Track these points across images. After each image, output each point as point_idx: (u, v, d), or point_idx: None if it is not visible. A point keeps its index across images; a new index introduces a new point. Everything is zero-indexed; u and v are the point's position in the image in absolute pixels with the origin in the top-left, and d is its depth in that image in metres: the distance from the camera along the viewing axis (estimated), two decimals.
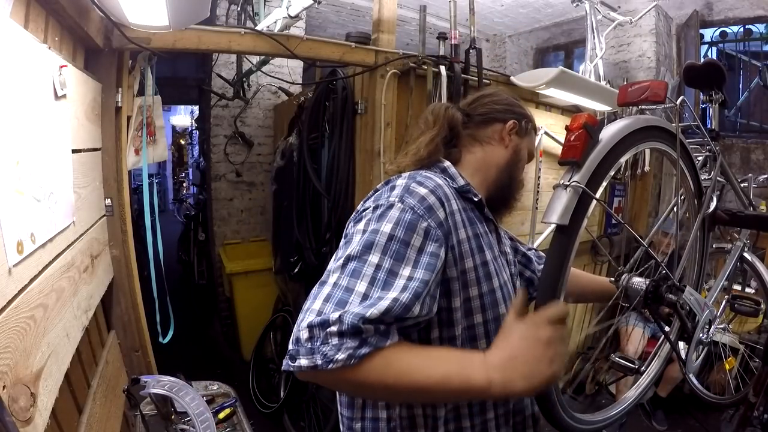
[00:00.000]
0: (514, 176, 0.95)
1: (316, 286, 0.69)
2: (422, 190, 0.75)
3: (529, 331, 0.64)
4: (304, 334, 0.62)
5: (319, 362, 0.60)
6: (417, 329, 0.74)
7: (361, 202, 0.82)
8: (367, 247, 0.69)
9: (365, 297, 0.64)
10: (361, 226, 0.73)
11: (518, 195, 0.98)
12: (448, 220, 0.76)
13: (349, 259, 0.69)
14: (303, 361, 0.61)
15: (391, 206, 0.73)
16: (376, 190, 0.83)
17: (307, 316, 0.63)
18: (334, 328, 0.60)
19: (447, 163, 0.90)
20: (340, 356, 0.59)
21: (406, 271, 0.68)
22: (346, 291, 0.65)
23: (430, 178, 0.79)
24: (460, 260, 0.77)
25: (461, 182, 0.87)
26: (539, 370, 0.62)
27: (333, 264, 0.71)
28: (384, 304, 0.63)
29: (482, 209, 0.89)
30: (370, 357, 0.61)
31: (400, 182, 0.78)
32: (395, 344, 0.64)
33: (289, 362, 0.63)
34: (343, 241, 0.77)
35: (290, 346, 0.64)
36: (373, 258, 0.68)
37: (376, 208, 0.75)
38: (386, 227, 0.70)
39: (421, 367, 0.63)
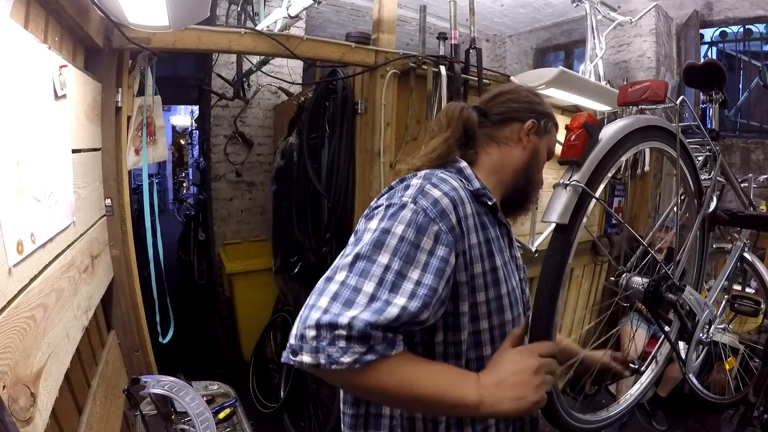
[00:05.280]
0: (530, 178, 0.91)
1: (322, 280, 0.68)
2: (436, 193, 0.73)
3: (519, 357, 0.72)
4: (311, 332, 0.62)
5: (323, 362, 0.61)
6: (421, 331, 0.74)
7: (375, 198, 0.81)
8: (377, 247, 0.68)
9: (373, 298, 0.64)
10: (372, 224, 0.72)
11: (535, 196, 0.94)
12: (460, 224, 0.74)
13: (358, 257, 0.68)
14: (306, 358, 0.62)
15: (403, 206, 0.71)
16: (391, 188, 0.81)
17: (313, 312, 0.63)
18: (342, 332, 0.61)
19: (463, 164, 0.87)
20: (346, 359, 0.61)
21: (414, 274, 0.67)
22: (354, 291, 0.65)
23: (445, 180, 0.77)
24: (470, 265, 0.76)
25: (477, 185, 0.83)
26: (525, 394, 0.68)
27: (341, 260, 0.70)
28: (393, 311, 0.63)
29: (496, 213, 0.85)
30: (374, 364, 0.63)
31: (415, 182, 0.76)
32: (399, 354, 0.65)
33: (290, 356, 0.64)
34: (353, 237, 0.75)
35: (292, 341, 0.64)
36: (383, 258, 0.67)
37: (388, 206, 0.73)
38: (397, 228, 0.69)
39: (421, 379, 0.66)
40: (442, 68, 1.86)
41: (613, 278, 1.05)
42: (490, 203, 0.83)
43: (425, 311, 0.66)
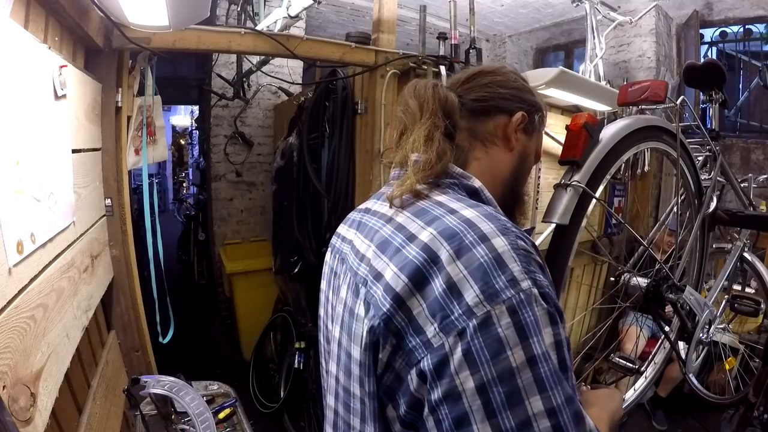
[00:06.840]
0: (518, 192, 0.70)
1: None
2: (525, 245, 0.53)
3: None
4: None
5: None
6: None
7: (439, 298, 0.50)
8: (557, 378, 0.48)
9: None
10: (518, 354, 0.47)
11: (520, 217, 0.72)
12: None
13: (550, 414, 0.46)
14: None
15: (530, 297, 0.49)
16: (433, 255, 0.52)
17: None
18: None
19: (478, 184, 0.63)
20: None
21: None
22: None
23: (506, 224, 0.54)
24: None
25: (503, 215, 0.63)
26: None
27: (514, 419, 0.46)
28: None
29: None
30: None
31: (500, 245, 0.51)
32: None
33: None
34: (480, 390, 0.47)
35: None
36: (561, 391, 0.48)
37: (514, 312, 0.48)
38: (546, 336, 0.49)
39: None
40: (442, 68, 1.86)
41: (613, 278, 1.05)
42: None
43: None
